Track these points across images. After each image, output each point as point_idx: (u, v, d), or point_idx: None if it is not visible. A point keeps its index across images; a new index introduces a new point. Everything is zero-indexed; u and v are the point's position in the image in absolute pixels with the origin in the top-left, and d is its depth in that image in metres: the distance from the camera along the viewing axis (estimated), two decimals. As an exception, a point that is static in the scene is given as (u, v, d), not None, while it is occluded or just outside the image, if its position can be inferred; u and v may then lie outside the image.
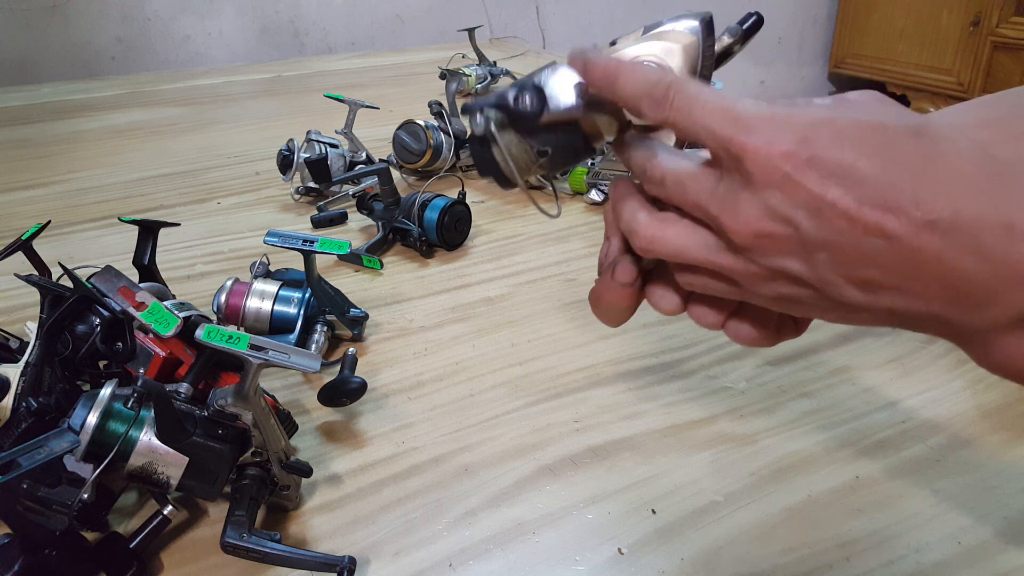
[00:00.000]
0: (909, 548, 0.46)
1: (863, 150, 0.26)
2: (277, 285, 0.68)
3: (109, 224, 1.01)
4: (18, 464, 0.38)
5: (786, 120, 0.27)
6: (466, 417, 0.60)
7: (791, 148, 0.27)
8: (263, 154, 1.26)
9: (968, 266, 0.25)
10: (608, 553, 0.47)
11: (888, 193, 0.26)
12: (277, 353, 0.44)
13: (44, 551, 0.41)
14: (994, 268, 0.25)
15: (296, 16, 2.39)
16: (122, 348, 0.52)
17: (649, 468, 0.53)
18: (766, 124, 0.28)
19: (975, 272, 0.26)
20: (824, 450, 0.54)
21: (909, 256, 0.26)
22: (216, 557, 0.45)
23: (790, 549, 0.46)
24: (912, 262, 0.26)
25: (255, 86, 1.91)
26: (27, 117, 1.64)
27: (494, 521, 0.49)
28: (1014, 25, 2.67)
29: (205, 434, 0.45)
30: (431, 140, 1.05)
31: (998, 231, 0.25)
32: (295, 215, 1.02)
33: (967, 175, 0.26)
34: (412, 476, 0.54)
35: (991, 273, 0.25)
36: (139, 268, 0.66)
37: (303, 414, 0.60)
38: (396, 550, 0.47)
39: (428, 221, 0.86)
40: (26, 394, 0.48)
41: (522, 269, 0.84)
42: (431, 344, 0.70)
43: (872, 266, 0.27)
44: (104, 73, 2.15)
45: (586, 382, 0.63)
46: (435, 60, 1.91)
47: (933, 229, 0.25)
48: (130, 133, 1.48)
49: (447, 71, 1.40)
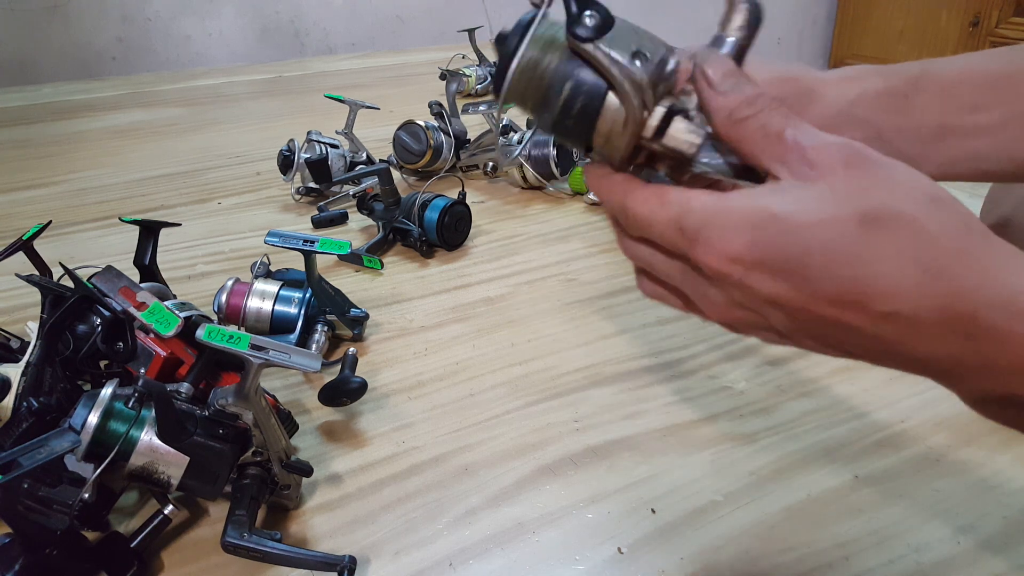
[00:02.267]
0: (908, 548, 0.46)
1: (811, 247, 0.26)
2: (278, 285, 0.68)
3: (110, 224, 1.01)
4: (19, 464, 0.38)
5: (734, 217, 0.27)
6: (466, 417, 0.60)
7: (739, 252, 0.27)
8: (264, 154, 1.26)
9: (931, 354, 0.26)
10: (608, 552, 0.47)
11: (841, 288, 0.26)
12: (278, 353, 0.44)
13: (45, 551, 0.41)
14: (957, 358, 0.26)
15: (296, 16, 2.39)
16: (123, 348, 0.52)
17: (649, 468, 0.53)
18: (713, 227, 0.27)
19: (939, 360, 0.26)
20: (823, 450, 0.54)
21: (874, 340, 0.26)
22: (217, 556, 0.45)
23: (789, 548, 0.46)
24: (878, 344, 0.26)
25: (256, 86, 1.91)
26: (28, 117, 1.64)
27: (494, 521, 0.49)
28: (1013, 26, 2.67)
29: (206, 434, 0.45)
30: (431, 140, 1.05)
31: (960, 323, 0.25)
32: (295, 215, 1.02)
33: (923, 264, 0.25)
34: (412, 476, 0.54)
35: (954, 362, 0.26)
36: (140, 268, 0.66)
37: (303, 414, 0.60)
38: (396, 549, 0.47)
39: (428, 221, 0.86)
40: (27, 394, 0.48)
41: (522, 269, 0.84)
42: (431, 344, 0.70)
43: (843, 343, 0.27)
44: (105, 73, 2.15)
45: (586, 382, 0.63)
46: (435, 61, 1.91)
47: (892, 321, 0.25)
48: (131, 133, 1.48)
49: (447, 72, 1.40)
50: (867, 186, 0.26)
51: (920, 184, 0.26)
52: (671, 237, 0.29)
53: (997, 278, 0.25)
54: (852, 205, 0.25)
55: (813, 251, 0.25)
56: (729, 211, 0.27)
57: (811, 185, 0.26)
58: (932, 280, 0.25)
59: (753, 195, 0.27)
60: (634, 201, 0.30)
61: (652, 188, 0.30)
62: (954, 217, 0.25)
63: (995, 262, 0.25)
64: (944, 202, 0.26)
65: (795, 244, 0.26)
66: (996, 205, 0.69)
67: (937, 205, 0.26)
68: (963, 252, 0.25)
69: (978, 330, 0.25)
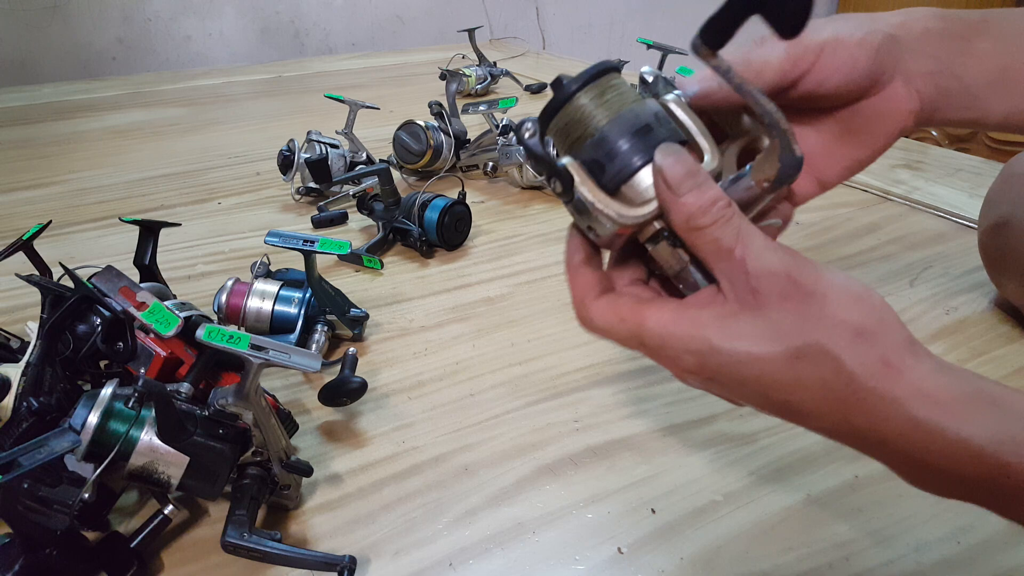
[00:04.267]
0: (908, 547, 0.46)
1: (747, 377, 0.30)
2: (278, 285, 0.68)
3: (110, 224, 1.01)
4: (19, 464, 0.38)
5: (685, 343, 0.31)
6: (466, 417, 0.60)
7: (693, 369, 0.31)
8: (264, 154, 1.26)
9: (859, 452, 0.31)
10: (608, 553, 0.47)
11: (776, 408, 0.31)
12: (278, 353, 0.44)
13: (45, 551, 0.41)
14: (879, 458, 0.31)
15: (296, 16, 2.39)
16: (123, 348, 0.52)
17: (649, 468, 0.53)
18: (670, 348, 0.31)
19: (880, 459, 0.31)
20: (823, 450, 0.54)
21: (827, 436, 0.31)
22: (217, 556, 0.45)
23: (789, 548, 0.46)
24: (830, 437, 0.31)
25: (256, 86, 1.91)
26: (28, 117, 1.64)
27: (494, 520, 0.49)
28: (1014, 25, 2.67)
29: (206, 434, 0.45)
30: (431, 140, 1.05)
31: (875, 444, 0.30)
32: (295, 215, 1.02)
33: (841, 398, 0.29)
34: (412, 476, 0.54)
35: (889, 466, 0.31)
36: (140, 268, 0.66)
37: (303, 414, 0.60)
38: (396, 549, 0.47)
39: (428, 221, 0.86)
40: (27, 394, 0.48)
41: (522, 269, 0.84)
42: (431, 344, 0.70)
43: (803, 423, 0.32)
44: (105, 73, 2.15)
45: (586, 382, 0.63)
46: (435, 60, 1.91)
47: (826, 433, 0.31)
48: (131, 133, 1.48)
49: (447, 71, 1.40)
50: (797, 322, 0.29)
51: (850, 318, 0.29)
52: (631, 345, 0.33)
53: (904, 412, 0.28)
54: (783, 343, 0.29)
55: (749, 381, 0.30)
56: (680, 337, 0.31)
57: (749, 316, 0.30)
58: (848, 410, 0.29)
59: (700, 325, 0.30)
60: (595, 311, 0.34)
61: (608, 303, 0.33)
62: (873, 353, 0.29)
63: (905, 395, 0.28)
64: (870, 335, 0.29)
65: (735, 374, 0.30)
66: (995, 205, 0.69)
67: (861, 340, 0.29)
68: (873, 391, 0.29)
69: (891, 450, 0.29)
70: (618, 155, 0.31)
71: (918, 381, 0.29)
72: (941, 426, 0.28)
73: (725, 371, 0.30)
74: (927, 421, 0.28)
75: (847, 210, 0.98)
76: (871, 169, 0.41)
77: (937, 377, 0.29)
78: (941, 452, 0.28)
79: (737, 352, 0.30)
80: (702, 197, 0.30)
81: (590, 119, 0.32)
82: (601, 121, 0.31)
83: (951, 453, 0.28)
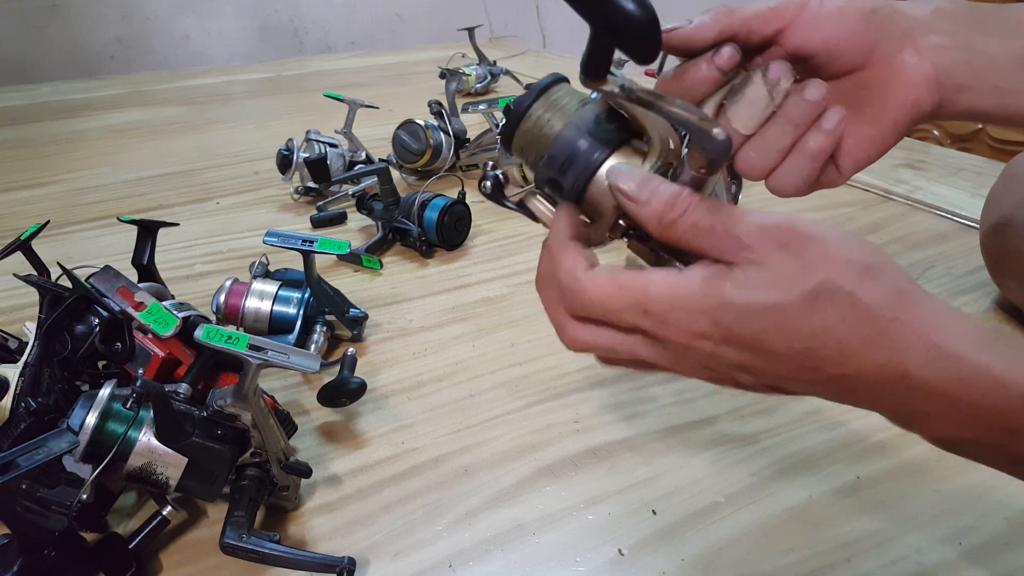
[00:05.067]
0: (910, 548, 0.46)
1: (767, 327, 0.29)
2: (276, 285, 0.68)
3: (108, 224, 1.01)
4: (17, 464, 0.38)
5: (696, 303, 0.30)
6: (466, 417, 0.59)
7: (707, 331, 0.30)
8: (262, 154, 1.25)
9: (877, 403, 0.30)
10: (608, 554, 0.47)
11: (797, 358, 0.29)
12: (276, 353, 0.44)
13: (43, 551, 0.41)
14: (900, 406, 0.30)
15: (296, 15, 2.39)
16: (121, 348, 0.52)
17: (649, 469, 0.53)
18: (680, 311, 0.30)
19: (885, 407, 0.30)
20: (825, 451, 0.54)
21: (829, 393, 0.31)
22: (215, 558, 0.45)
23: (791, 550, 0.46)
24: (833, 394, 0.31)
25: (254, 86, 1.91)
26: (26, 117, 1.64)
27: (494, 522, 0.49)
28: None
29: (204, 434, 0.45)
30: (431, 140, 1.05)
31: (897, 380, 0.28)
32: (294, 215, 1.01)
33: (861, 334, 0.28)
34: (412, 477, 0.53)
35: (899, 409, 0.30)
36: (138, 268, 0.66)
37: (302, 414, 0.60)
38: (396, 551, 0.47)
39: (428, 221, 0.86)
40: (25, 394, 0.48)
41: (522, 269, 0.84)
42: (431, 344, 0.70)
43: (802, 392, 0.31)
44: (103, 73, 2.15)
45: (586, 382, 0.63)
46: (435, 59, 1.90)
47: (842, 380, 0.29)
48: (129, 133, 1.48)
49: (447, 70, 1.40)
50: (804, 266, 0.29)
51: (853, 256, 0.29)
52: (631, 319, 0.31)
53: (925, 339, 0.28)
54: (796, 289, 0.28)
55: (769, 330, 0.29)
56: (689, 296, 0.30)
57: (754, 268, 0.29)
58: (870, 346, 0.28)
59: (708, 281, 0.30)
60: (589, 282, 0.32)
61: (604, 271, 0.32)
62: (886, 286, 0.29)
63: (924, 324, 0.28)
64: (877, 270, 0.29)
65: (753, 325, 0.29)
66: (996, 205, 0.68)
67: (871, 275, 0.29)
68: (895, 320, 0.28)
69: (912, 385, 0.28)
70: (568, 169, 0.34)
71: (934, 310, 0.29)
72: (962, 352, 0.28)
73: (742, 327, 0.29)
74: (948, 347, 0.28)
75: (849, 210, 0.98)
76: (872, 169, 0.41)
77: (950, 310, 0.29)
78: (963, 380, 0.28)
79: (752, 304, 0.29)
80: (663, 197, 0.30)
81: (538, 140, 0.35)
82: (548, 139, 0.34)
83: (973, 382, 0.28)
